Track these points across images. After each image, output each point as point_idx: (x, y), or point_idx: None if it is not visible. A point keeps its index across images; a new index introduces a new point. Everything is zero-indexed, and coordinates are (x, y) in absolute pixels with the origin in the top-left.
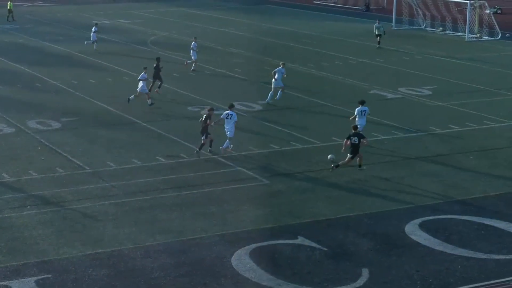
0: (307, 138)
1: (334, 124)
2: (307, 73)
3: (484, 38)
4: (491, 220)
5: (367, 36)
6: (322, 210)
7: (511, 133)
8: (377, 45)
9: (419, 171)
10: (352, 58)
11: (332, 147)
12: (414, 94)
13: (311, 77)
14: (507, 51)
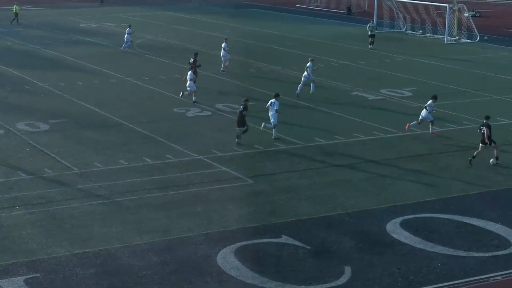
0: (290, 138)
1: (316, 125)
2: (290, 75)
3: (463, 41)
4: (470, 218)
5: (349, 39)
6: (305, 209)
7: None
8: (370, 46)
9: (400, 171)
10: (334, 61)
11: (315, 148)
12: (395, 95)
13: (294, 79)
14: (485, 53)
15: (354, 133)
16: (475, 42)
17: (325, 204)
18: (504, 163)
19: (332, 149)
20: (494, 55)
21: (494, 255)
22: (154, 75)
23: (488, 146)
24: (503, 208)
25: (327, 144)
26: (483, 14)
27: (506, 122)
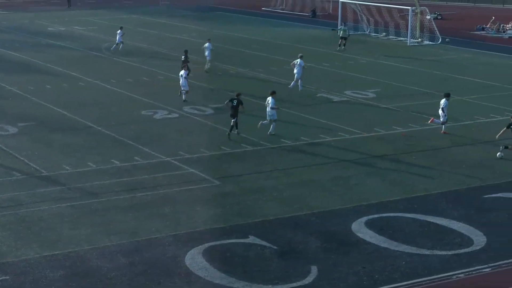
0: (257, 140)
1: (283, 127)
2: (256, 78)
3: (425, 43)
4: (433, 217)
5: (314, 41)
6: (271, 210)
7: (451, 133)
8: (341, 47)
9: (364, 171)
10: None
11: (282, 149)
12: (359, 97)
13: (261, 82)
14: (447, 55)
15: (320, 134)
16: (437, 44)
17: (292, 205)
18: (467, 163)
19: (298, 150)
20: (455, 57)
21: (457, 253)
22: (122, 78)
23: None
24: (465, 207)
25: (293, 145)
26: (445, 16)
27: (467, 123)
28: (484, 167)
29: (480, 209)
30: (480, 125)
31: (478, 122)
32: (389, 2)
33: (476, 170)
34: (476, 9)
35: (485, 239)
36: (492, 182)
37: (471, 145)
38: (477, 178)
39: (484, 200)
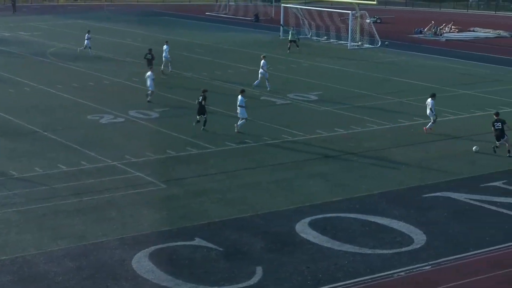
0: (202, 143)
1: (227, 130)
2: (201, 82)
3: (365, 46)
4: (374, 217)
5: (257, 45)
6: (216, 212)
7: (392, 134)
8: (291, 50)
9: (307, 172)
10: (244, 67)
11: (226, 151)
12: (301, 99)
13: (205, 85)
14: (386, 58)
15: (263, 137)
16: (376, 47)
17: (236, 207)
18: (406, 164)
19: (242, 152)
20: (394, 60)
21: (398, 252)
22: (68, 83)
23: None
24: (405, 206)
25: (238, 148)
26: (384, 20)
27: (407, 124)
28: (423, 167)
29: (420, 208)
30: (419, 126)
31: (417, 123)
32: (330, 6)
33: (415, 170)
34: (414, 12)
35: (424, 237)
36: (430, 182)
37: (411, 145)
38: (416, 178)
39: (423, 199)
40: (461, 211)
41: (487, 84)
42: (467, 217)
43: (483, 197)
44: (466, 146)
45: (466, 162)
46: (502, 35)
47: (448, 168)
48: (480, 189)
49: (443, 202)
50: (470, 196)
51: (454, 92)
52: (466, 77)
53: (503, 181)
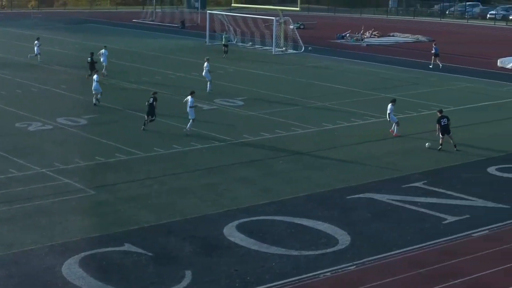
0: (130, 149)
1: (154, 135)
2: (128, 88)
3: (289, 52)
4: (300, 219)
5: (183, 52)
6: (145, 217)
7: (316, 138)
8: (224, 54)
9: (235, 177)
10: (171, 73)
11: (154, 157)
12: (228, 105)
13: (132, 92)
14: (310, 63)
15: (191, 142)
16: (300, 52)
17: (165, 211)
18: (331, 166)
19: (170, 157)
20: (318, 64)
21: (323, 253)
22: None
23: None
24: (330, 208)
25: (166, 153)
26: (307, 26)
27: (331, 127)
28: (346, 169)
29: (344, 210)
30: (342, 130)
31: (340, 126)
32: (254, 12)
33: (339, 172)
34: (336, 18)
35: (349, 238)
36: (354, 184)
37: (334, 148)
38: (340, 180)
39: (347, 201)
40: (384, 212)
41: (407, 88)
42: (389, 218)
43: (404, 198)
44: (387, 148)
45: (387, 163)
46: (420, 40)
47: (371, 169)
48: (402, 189)
49: (366, 203)
50: (392, 196)
51: (375, 95)
52: (387, 81)
53: (424, 182)
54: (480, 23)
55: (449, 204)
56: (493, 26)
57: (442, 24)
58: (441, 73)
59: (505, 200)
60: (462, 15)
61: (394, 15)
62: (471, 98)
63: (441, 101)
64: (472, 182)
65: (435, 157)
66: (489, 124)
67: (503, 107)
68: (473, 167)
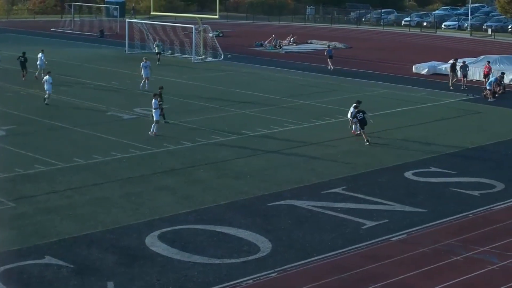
0: (50, 160)
1: (74, 146)
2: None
3: (209, 60)
4: (222, 227)
5: (103, 61)
6: (67, 229)
7: (235, 145)
8: (158, 62)
9: (155, 186)
10: (90, 82)
11: (74, 168)
12: (148, 113)
13: (51, 101)
14: (229, 70)
15: (112, 152)
16: (220, 60)
17: (86, 222)
18: (251, 174)
19: (90, 168)
20: (237, 72)
21: (245, 261)
22: None
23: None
24: (251, 215)
25: (86, 164)
26: (226, 34)
27: (250, 134)
28: (267, 176)
29: (265, 217)
30: (261, 137)
31: (259, 134)
32: (173, 21)
33: (259, 179)
34: (254, 26)
35: (270, 245)
36: (275, 191)
37: (254, 156)
38: (261, 187)
39: (268, 208)
40: (304, 218)
41: (325, 94)
42: (310, 223)
43: (324, 204)
44: (306, 154)
45: (307, 170)
46: (337, 47)
47: (291, 176)
48: (321, 195)
49: (287, 209)
50: (312, 203)
51: (294, 102)
52: (305, 88)
53: (343, 187)
54: (395, 30)
55: (368, 209)
56: (408, 33)
57: (359, 31)
58: (356, 79)
59: (422, 204)
60: (378, 22)
61: (312, 22)
62: (387, 103)
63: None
64: (389, 187)
65: (354, 162)
66: (404, 129)
67: (417, 112)
68: (390, 172)
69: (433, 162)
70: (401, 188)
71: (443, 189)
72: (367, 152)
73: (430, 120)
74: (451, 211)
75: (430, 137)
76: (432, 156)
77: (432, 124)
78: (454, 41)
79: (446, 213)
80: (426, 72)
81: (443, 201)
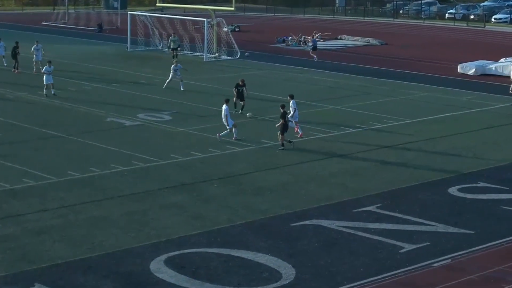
0: (41, 173)
1: (69, 157)
2: (37, 102)
3: (223, 58)
4: (238, 251)
5: (101, 59)
6: (60, 253)
7: (253, 157)
8: (174, 59)
9: (162, 203)
10: (86, 84)
11: (69, 182)
12: (154, 120)
13: (42, 106)
14: (247, 70)
15: (111, 164)
16: (236, 59)
17: (82, 245)
18: (271, 189)
19: (87, 182)
20: (256, 72)
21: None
22: None
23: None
24: (272, 237)
25: (82, 178)
26: (243, 28)
27: (271, 144)
28: (290, 192)
29: (288, 239)
30: (285, 146)
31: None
32: (182, 13)
33: (281, 196)
34: (276, 19)
35: (294, 271)
36: (299, 209)
37: (276, 168)
38: (283, 205)
39: (292, 228)
40: (333, 240)
41: (357, 98)
42: (339, 247)
43: (355, 224)
44: (335, 166)
45: (336, 185)
46: (371, 43)
47: (317, 192)
48: (352, 214)
49: (313, 231)
50: (341, 223)
51: (321, 107)
52: (335, 91)
53: (377, 205)
54: (437, 24)
55: (406, 231)
56: (452, 27)
57: (396, 25)
58: (393, 80)
59: (469, 224)
60: (417, 15)
61: (342, 15)
62: (428, 108)
63: (395, 112)
64: (431, 204)
65: (390, 176)
66: (448, 138)
67: (463, 119)
68: (432, 188)
69: (482, 176)
70: (444, 206)
71: (493, 207)
72: (405, 164)
73: (478, 128)
74: (502, 232)
75: (478, 147)
76: (480, 169)
77: (480, 132)
78: (506, 37)
79: (496, 235)
80: (473, 73)
81: (493, 221)
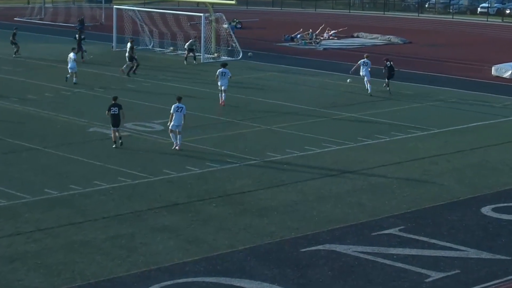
0: (14, 192)
1: (45, 173)
2: (9, 109)
3: (223, 58)
4: (240, 280)
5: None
6: (35, 283)
7: (257, 172)
8: (194, 61)
9: (152, 226)
10: (66, 89)
11: (46, 201)
12: (143, 130)
13: (15, 114)
14: (250, 73)
15: (94, 181)
16: (237, 59)
17: (60, 274)
18: (278, 210)
19: (67, 202)
20: (260, 75)
21: None
22: None
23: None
24: (279, 264)
25: (60, 196)
26: (246, 25)
27: (278, 157)
28: (299, 213)
29: (297, 267)
30: (293, 160)
31: (290, 156)
32: (176, 8)
33: (289, 217)
34: (283, 14)
35: None
36: (310, 232)
37: (282, 185)
38: (291, 227)
39: (301, 254)
40: (349, 268)
41: (375, 104)
42: (356, 276)
43: (375, 249)
44: (352, 183)
45: (352, 204)
46: (393, 42)
47: (331, 213)
48: (371, 238)
49: (326, 257)
50: (359, 248)
51: (335, 115)
52: (351, 96)
53: (400, 228)
54: (468, 19)
55: (433, 256)
56: (485, 23)
57: (420, 21)
58: (418, 84)
59: (505, 249)
60: (445, 9)
61: (359, 9)
62: (458, 116)
63: (420, 121)
64: (462, 226)
65: (414, 194)
66: (481, 150)
67: (497, 128)
68: (462, 207)
69: None
70: (477, 229)
71: None
72: (431, 180)
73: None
74: None
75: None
76: None
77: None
78: None
79: None
80: (509, 75)
81: None
